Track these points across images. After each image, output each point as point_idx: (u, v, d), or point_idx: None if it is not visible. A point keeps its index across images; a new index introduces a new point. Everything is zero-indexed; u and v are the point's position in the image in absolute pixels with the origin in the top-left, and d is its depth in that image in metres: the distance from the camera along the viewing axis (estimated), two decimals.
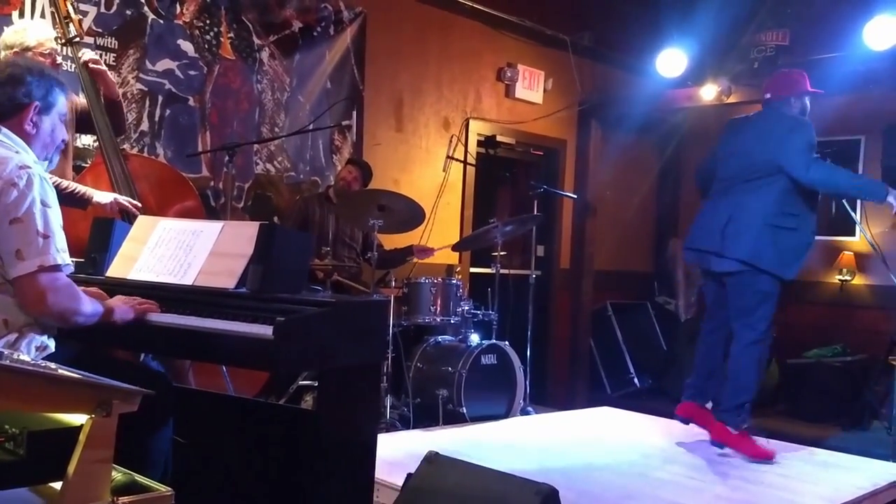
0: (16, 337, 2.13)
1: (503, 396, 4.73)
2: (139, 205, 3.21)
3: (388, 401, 4.41)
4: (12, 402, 1.55)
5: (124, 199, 3.21)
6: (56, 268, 2.11)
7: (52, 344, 2.22)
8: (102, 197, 3.16)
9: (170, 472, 2.32)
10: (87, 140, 3.93)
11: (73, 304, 2.16)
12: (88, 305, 2.21)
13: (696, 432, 4.40)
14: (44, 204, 2.12)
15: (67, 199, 3.13)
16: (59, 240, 2.14)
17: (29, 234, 2.08)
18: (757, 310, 3.72)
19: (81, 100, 3.47)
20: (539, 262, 6.18)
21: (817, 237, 6.50)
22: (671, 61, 6.15)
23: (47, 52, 3.20)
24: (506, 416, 4.69)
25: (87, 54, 3.44)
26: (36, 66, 2.32)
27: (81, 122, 3.48)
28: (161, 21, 4.40)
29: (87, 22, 4.05)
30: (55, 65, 3.24)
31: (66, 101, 2.35)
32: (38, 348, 2.18)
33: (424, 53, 5.75)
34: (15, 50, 3.16)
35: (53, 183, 3.04)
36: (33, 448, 1.60)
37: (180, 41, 4.49)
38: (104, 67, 3.50)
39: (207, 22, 4.60)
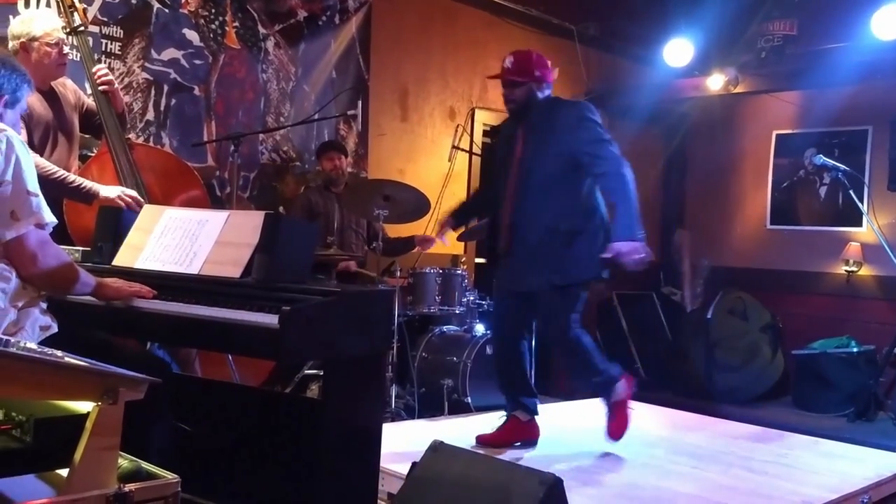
0: (18, 316, 2.14)
1: None
2: (142, 200, 3.19)
3: (394, 390, 4.41)
4: (19, 390, 1.56)
5: (131, 192, 3.20)
6: (46, 226, 2.17)
7: (55, 324, 2.23)
8: (108, 191, 3.14)
9: (171, 459, 2.32)
10: None
11: (61, 266, 2.23)
12: (78, 272, 2.28)
13: (700, 423, 4.41)
14: (26, 164, 2.15)
15: (73, 195, 3.13)
16: (43, 198, 2.19)
17: (21, 195, 2.11)
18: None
19: (89, 100, 3.47)
20: None
21: (824, 228, 6.62)
22: (678, 51, 6.13)
23: (54, 41, 3.19)
24: None
25: (100, 72, 3.41)
26: (8, 60, 2.31)
27: (87, 123, 3.48)
28: (166, 10, 4.39)
29: (93, 11, 4.05)
30: (62, 55, 3.24)
31: (28, 98, 2.34)
32: (42, 328, 2.19)
33: (429, 43, 5.74)
34: (22, 40, 3.16)
35: (59, 176, 3.05)
36: (40, 435, 1.61)
37: (185, 30, 4.49)
38: (117, 87, 3.47)
39: (213, 11, 4.60)
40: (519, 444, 3.59)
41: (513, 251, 3.48)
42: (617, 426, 3.54)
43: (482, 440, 3.57)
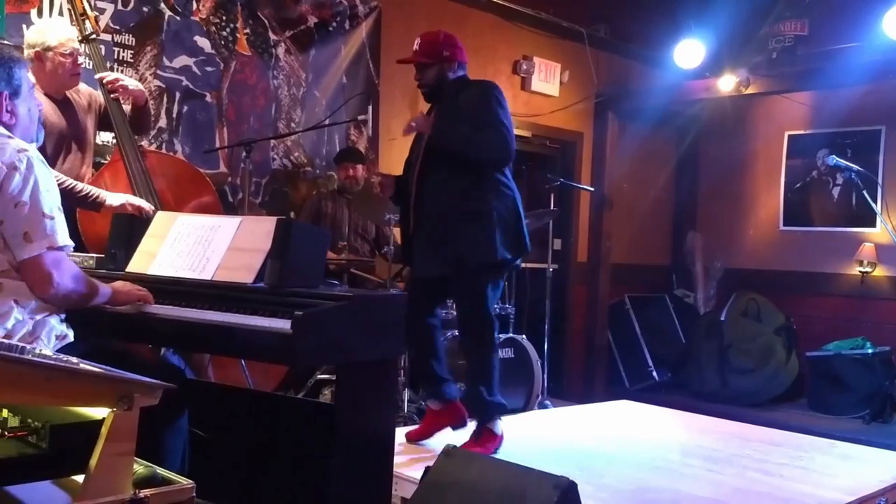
0: (34, 325, 2.15)
1: (521, 390, 4.72)
2: (151, 208, 3.21)
3: (406, 395, 4.42)
4: (35, 397, 1.57)
5: (136, 201, 3.21)
6: (61, 248, 2.16)
7: (70, 333, 2.25)
8: (114, 199, 3.16)
9: (187, 464, 2.33)
10: (105, 136, 3.96)
11: (78, 285, 2.22)
12: (96, 287, 2.27)
13: (714, 426, 4.39)
14: (45, 186, 2.14)
15: (80, 203, 3.15)
16: (61, 220, 2.18)
17: (36, 217, 2.10)
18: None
19: (102, 98, 3.50)
20: (556, 255, 6.16)
21: (838, 228, 6.59)
22: (689, 52, 6.12)
23: (69, 51, 3.22)
24: (524, 409, 4.69)
25: (107, 79, 3.41)
26: None
27: (104, 120, 3.51)
28: (178, 18, 4.42)
29: (105, 19, 4.08)
30: (76, 65, 3.26)
31: (28, 73, 2.29)
32: (58, 337, 2.20)
33: None
34: (37, 49, 3.19)
35: (66, 186, 3.07)
36: (56, 441, 1.62)
37: (197, 37, 4.51)
38: (126, 83, 3.44)
39: (223, 18, 4.62)
40: (447, 429, 3.47)
41: (418, 235, 3.39)
42: (476, 448, 3.29)
43: (410, 437, 3.51)
